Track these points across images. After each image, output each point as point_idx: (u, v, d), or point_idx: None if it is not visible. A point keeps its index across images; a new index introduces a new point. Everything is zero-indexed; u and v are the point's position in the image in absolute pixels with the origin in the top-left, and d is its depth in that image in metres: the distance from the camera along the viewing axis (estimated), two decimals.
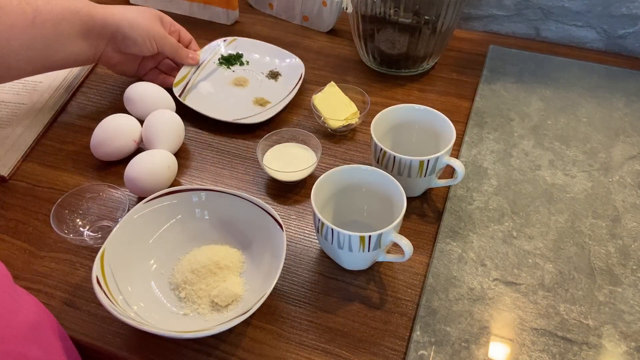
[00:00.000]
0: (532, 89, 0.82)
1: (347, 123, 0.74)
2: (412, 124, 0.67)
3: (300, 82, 0.80)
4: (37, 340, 0.46)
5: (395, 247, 0.60)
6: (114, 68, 0.78)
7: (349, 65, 0.88)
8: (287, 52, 0.85)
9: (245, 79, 0.83)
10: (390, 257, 0.58)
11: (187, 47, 0.82)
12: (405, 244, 0.54)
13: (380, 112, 0.65)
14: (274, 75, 0.83)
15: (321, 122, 0.75)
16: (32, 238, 0.64)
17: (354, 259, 0.58)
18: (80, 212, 0.64)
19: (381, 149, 0.62)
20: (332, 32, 0.94)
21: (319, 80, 0.84)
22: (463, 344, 0.54)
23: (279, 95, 0.79)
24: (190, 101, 0.78)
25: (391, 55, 0.83)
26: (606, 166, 0.71)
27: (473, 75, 0.85)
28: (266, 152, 0.70)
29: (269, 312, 0.57)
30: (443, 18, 0.77)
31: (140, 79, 0.81)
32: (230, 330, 0.55)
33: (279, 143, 0.71)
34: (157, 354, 0.54)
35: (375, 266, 0.61)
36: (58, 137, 0.76)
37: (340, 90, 0.77)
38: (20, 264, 0.62)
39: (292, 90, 0.79)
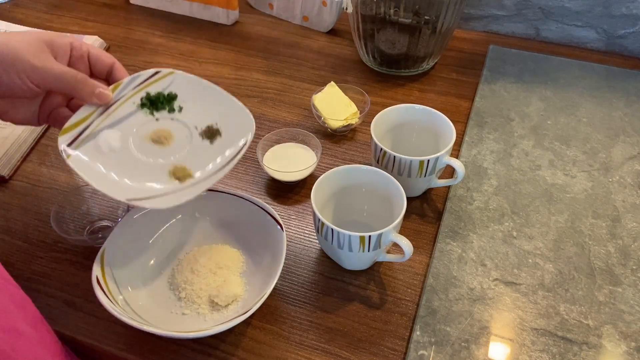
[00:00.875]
0: (532, 89, 0.82)
1: (347, 123, 0.74)
2: (412, 124, 0.67)
3: (245, 149, 0.55)
4: (25, 317, 0.47)
5: (395, 247, 0.60)
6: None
7: (349, 65, 0.88)
8: (239, 102, 0.58)
9: (170, 133, 0.57)
10: (390, 257, 0.58)
11: (104, 77, 0.58)
12: (405, 244, 0.54)
13: (380, 112, 0.65)
14: (211, 133, 0.57)
15: (321, 122, 0.75)
16: (32, 238, 0.64)
17: (354, 259, 0.58)
18: (80, 212, 0.64)
19: (381, 149, 0.62)
20: (332, 32, 0.94)
21: (319, 80, 0.84)
22: (463, 344, 0.54)
23: (208, 169, 0.54)
24: (79, 158, 0.53)
25: (391, 55, 0.83)
26: (606, 166, 0.71)
27: (473, 75, 0.85)
28: (266, 152, 0.70)
29: (269, 312, 0.57)
30: (443, 18, 0.77)
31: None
32: (230, 330, 0.55)
33: (279, 143, 0.71)
34: (157, 354, 0.54)
35: (375, 266, 0.61)
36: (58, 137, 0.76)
37: (340, 90, 0.77)
38: (20, 264, 0.62)
39: (230, 161, 0.54)
